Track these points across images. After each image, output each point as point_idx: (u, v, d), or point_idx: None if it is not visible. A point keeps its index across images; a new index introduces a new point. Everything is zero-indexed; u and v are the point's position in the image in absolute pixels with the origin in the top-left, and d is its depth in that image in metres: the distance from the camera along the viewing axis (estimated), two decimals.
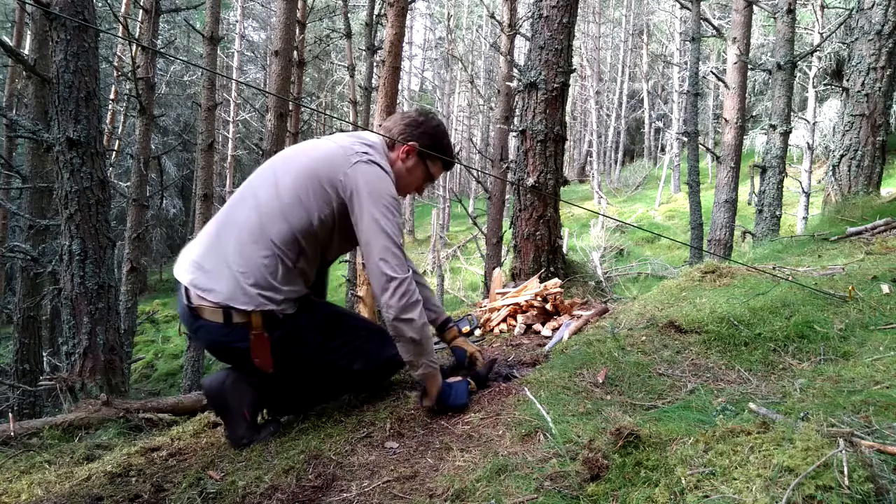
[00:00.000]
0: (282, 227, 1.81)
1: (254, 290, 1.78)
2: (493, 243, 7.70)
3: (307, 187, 1.83)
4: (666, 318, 2.42)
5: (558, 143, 3.67)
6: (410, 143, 2.02)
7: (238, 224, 1.85)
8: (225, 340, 1.85)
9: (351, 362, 1.97)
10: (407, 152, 2.02)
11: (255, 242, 1.81)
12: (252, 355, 1.85)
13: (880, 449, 1.13)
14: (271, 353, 1.85)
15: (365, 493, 1.45)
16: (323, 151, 1.90)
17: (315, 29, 19.25)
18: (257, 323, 1.81)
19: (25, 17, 9.54)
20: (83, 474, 1.82)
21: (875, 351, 1.96)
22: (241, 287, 1.79)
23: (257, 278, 1.79)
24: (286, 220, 1.81)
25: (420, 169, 2.06)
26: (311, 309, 1.93)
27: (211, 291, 1.80)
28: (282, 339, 1.86)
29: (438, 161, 2.07)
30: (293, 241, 1.82)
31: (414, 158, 2.03)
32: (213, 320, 1.81)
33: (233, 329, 1.81)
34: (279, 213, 1.82)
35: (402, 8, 5.14)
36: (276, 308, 1.81)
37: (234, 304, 1.78)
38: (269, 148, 6.58)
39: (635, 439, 1.31)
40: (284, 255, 1.81)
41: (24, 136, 6.45)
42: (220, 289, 1.80)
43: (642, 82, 29.93)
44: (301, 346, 1.91)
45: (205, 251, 1.88)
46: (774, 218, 6.99)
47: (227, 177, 19.22)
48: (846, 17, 7.78)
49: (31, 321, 7.69)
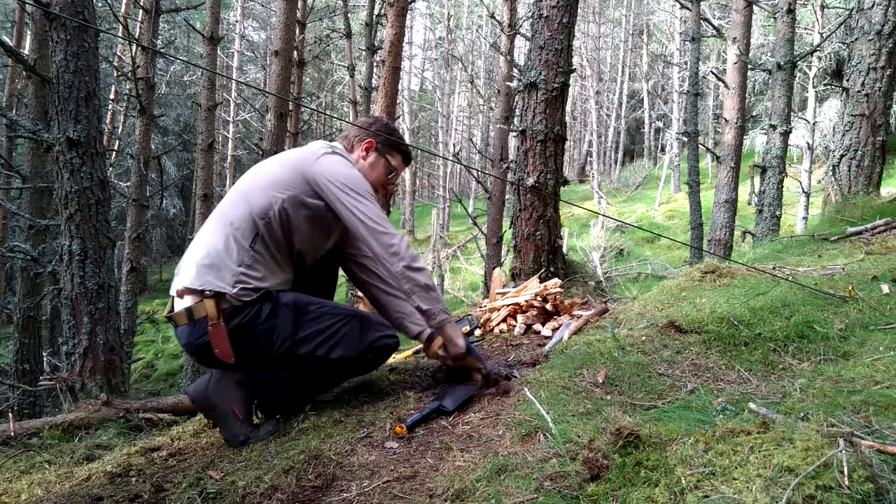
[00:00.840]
0: (241, 209, 1.92)
1: (205, 272, 1.85)
2: (493, 243, 7.71)
3: (275, 176, 1.96)
4: (666, 318, 2.42)
5: (558, 143, 3.67)
6: (367, 141, 2.15)
7: (207, 226, 1.98)
8: (192, 340, 1.88)
9: (329, 350, 1.95)
10: (366, 149, 2.15)
11: (217, 230, 1.92)
12: (212, 346, 1.85)
13: (880, 449, 1.13)
14: (232, 343, 1.86)
15: (365, 493, 1.45)
16: (292, 153, 2.08)
17: (315, 29, 19.25)
18: (212, 312, 1.84)
19: (25, 17, 9.54)
20: (83, 474, 1.82)
21: (875, 351, 1.96)
22: (196, 270, 1.87)
23: (210, 258, 1.87)
24: (247, 202, 1.92)
25: (381, 163, 2.17)
26: (272, 297, 1.92)
27: (176, 287, 1.90)
28: (242, 329, 1.86)
29: (396, 153, 2.20)
30: (249, 222, 1.90)
31: (373, 154, 2.16)
32: (182, 324, 1.88)
33: (196, 325, 1.85)
34: (242, 198, 1.95)
35: (402, 8, 5.15)
36: (227, 290, 1.83)
37: (186, 285, 1.86)
38: (269, 148, 6.58)
39: (635, 439, 1.31)
40: (241, 236, 1.88)
41: (24, 136, 6.46)
42: (181, 279, 1.89)
43: (642, 82, 29.93)
44: (267, 337, 1.90)
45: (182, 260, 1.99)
46: (774, 218, 6.99)
47: (227, 177, 19.22)
48: (846, 17, 7.78)
49: (31, 321, 7.69)
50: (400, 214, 27.10)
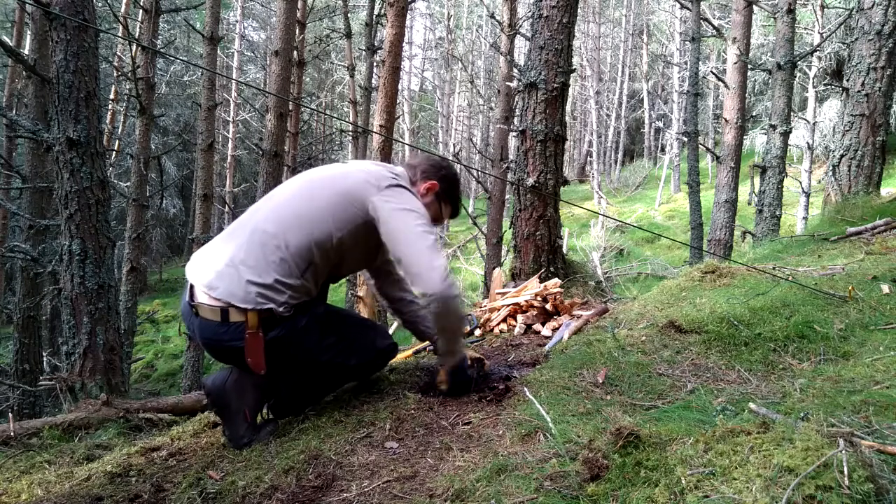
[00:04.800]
0: (301, 236, 1.86)
1: (254, 290, 1.81)
2: (493, 243, 7.71)
3: (339, 204, 1.91)
4: (666, 318, 2.42)
5: (558, 143, 3.67)
6: (432, 182, 2.13)
7: (256, 229, 1.91)
8: (221, 339, 1.86)
9: (348, 358, 2.03)
10: (427, 189, 2.13)
11: (267, 245, 1.86)
12: (245, 354, 1.85)
13: (880, 449, 1.13)
14: (265, 353, 1.86)
15: (365, 493, 1.45)
16: (350, 179, 1.99)
17: (315, 29, 19.24)
18: (253, 322, 1.82)
19: (25, 17, 9.54)
20: (83, 474, 1.82)
21: (875, 351, 1.96)
22: (242, 286, 1.82)
23: (262, 279, 1.82)
24: (309, 231, 1.87)
25: (434, 208, 2.15)
26: (306, 310, 1.93)
27: (214, 289, 1.83)
28: (277, 341, 1.87)
29: (450, 205, 2.21)
30: (307, 253, 1.86)
31: (432, 196, 2.14)
32: (210, 318, 1.85)
33: (229, 327, 1.83)
34: (304, 222, 1.89)
35: (402, 8, 5.15)
36: (274, 307, 1.83)
37: (232, 302, 1.81)
38: (269, 148, 6.58)
39: (635, 439, 1.31)
40: (294, 264, 1.85)
41: (24, 136, 6.46)
42: (222, 286, 1.83)
43: (642, 82, 29.92)
44: (299, 348, 1.93)
45: (216, 251, 1.93)
46: (774, 218, 6.99)
47: (227, 177, 19.20)
48: (846, 17, 7.79)
49: (31, 321, 7.70)
50: None
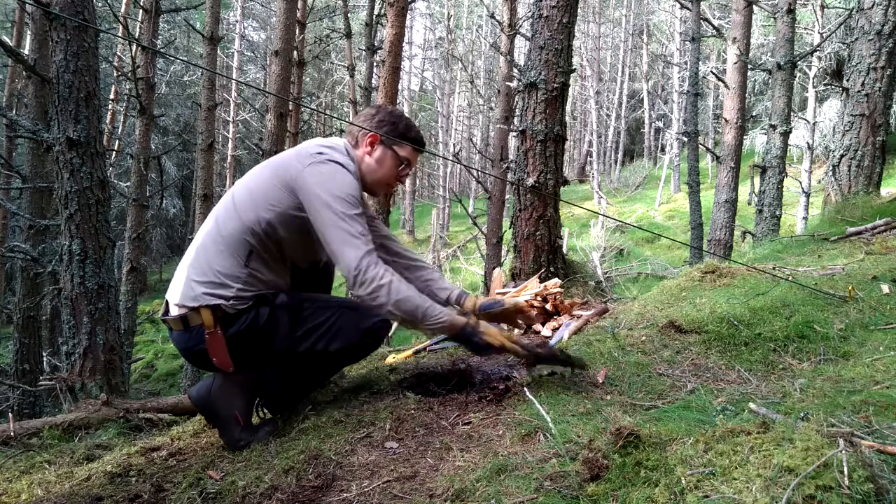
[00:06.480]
0: (233, 224, 1.86)
1: (200, 289, 1.83)
2: (493, 243, 7.70)
3: (263, 188, 1.89)
4: (666, 318, 2.42)
5: (558, 143, 3.67)
6: (371, 134, 2.02)
7: (204, 229, 1.94)
8: (188, 345, 1.87)
9: (329, 343, 1.93)
10: (370, 144, 2.03)
11: (208, 240, 1.89)
12: (210, 355, 1.85)
13: (880, 449, 1.13)
14: (230, 351, 1.85)
15: (365, 493, 1.44)
16: (281, 158, 1.96)
17: (315, 29, 19.25)
18: (209, 321, 1.82)
19: (25, 17, 9.54)
20: (83, 474, 1.82)
21: (875, 351, 1.96)
22: (190, 287, 1.84)
23: (206, 275, 1.84)
24: (238, 216, 1.87)
25: (389, 156, 2.04)
26: (267, 300, 1.90)
27: (174, 299, 1.88)
28: (240, 336, 1.85)
29: (404, 143, 2.05)
30: (241, 239, 1.85)
31: (379, 148, 2.03)
32: (177, 328, 1.88)
33: (192, 332, 1.84)
34: (234, 212, 1.89)
35: (402, 8, 5.15)
36: (223, 303, 1.82)
37: (185, 304, 1.84)
38: (269, 148, 6.58)
39: (635, 439, 1.31)
40: (232, 254, 1.85)
41: (24, 136, 6.46)
42: (179, 294, 1.87)
43: (642, 82, 29.93)
44: (268, 340, 1.89)
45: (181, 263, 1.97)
46: (774, 218, 6.99)
47: (227, 177, 19.21)
48: (846, 17, 7.78)
49: (31, 321, 7.69)
50: (400, 214, 27.11)
